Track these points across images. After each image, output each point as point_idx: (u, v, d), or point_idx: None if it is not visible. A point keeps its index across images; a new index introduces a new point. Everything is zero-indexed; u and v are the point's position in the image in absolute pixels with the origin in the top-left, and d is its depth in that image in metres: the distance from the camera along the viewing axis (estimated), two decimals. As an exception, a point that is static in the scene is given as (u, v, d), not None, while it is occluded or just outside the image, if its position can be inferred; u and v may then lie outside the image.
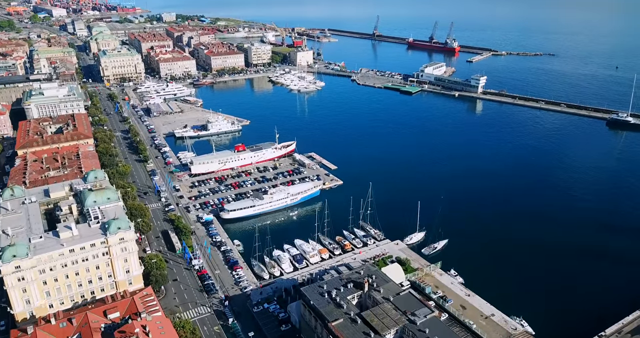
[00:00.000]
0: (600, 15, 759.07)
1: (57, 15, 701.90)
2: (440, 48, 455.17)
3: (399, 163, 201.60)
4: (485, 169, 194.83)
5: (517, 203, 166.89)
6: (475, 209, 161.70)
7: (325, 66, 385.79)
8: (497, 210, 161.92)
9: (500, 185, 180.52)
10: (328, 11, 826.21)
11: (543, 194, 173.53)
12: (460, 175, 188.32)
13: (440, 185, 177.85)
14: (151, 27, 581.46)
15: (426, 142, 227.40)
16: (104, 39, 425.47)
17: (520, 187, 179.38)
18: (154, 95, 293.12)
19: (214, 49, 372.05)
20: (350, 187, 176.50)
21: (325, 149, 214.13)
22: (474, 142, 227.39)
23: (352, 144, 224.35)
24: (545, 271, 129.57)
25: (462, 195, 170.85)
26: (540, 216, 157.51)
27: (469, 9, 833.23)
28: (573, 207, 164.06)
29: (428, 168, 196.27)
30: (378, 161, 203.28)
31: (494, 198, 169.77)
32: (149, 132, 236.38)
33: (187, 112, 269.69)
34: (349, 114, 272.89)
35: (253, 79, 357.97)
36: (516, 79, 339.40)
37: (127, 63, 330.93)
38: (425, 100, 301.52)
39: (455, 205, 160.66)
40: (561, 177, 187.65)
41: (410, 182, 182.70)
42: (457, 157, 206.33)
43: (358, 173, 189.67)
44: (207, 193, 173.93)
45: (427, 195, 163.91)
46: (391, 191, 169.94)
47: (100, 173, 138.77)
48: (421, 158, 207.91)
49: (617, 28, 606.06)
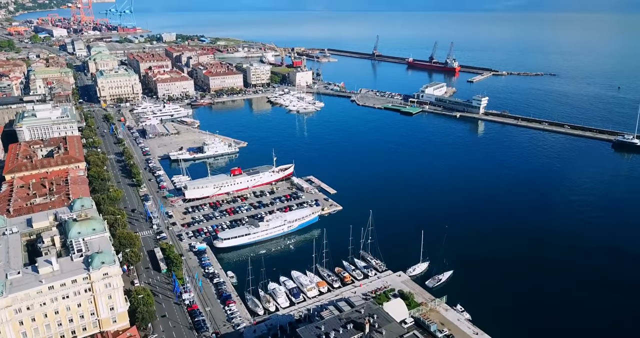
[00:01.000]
0: (599, 35, 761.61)
1: (58, 35, 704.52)
2: (440, 68, 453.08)
3: (400, 187, 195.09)
4: (490, 194, 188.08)
5: (525, 231, 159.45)
6: (481, 237, 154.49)
7: (325, 86, 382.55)
8: (504, 238, 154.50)
9: (506, 211, 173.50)
10: (328, 31, 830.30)
11: (552, 220, 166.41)
12: (464, 200, 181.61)
13: (443, 211, 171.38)
14: (151, 47, 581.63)
15: (428, 165, 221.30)
16: (103, 59, 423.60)
17: (527, 213, 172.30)
18: (150, 116, 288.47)
19: (213, 69, 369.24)
20: (350, 212, 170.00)
21: (324, 172, 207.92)
22: (477, 165, 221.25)
23: (351, 167, 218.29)
24: (559, 305, 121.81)
25: (467, 221, 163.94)
26: (552, 245, 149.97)
27: (468, 29, 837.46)
28: (586, 235, 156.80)
29: (431, 193, 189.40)
30: (379, 185, 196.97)
31: (501, 226, 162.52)
32: (144, 155, 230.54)
33: (184, 133, 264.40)
34: (348, 135, 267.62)
35: (252, 99, 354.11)
36: (518, 100, 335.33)
37: (124, 83, 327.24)
38: (426, 121, 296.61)
39: (459, 232, 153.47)
40: (569, 202, 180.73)
41: (413, 208, 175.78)
42: (461, 181, 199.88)
43: (358, 197, 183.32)
44: (201, 220, 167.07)
45: (430, 222, 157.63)
46: (393, 218, 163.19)
47: (88, 201, 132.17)
48: (423, 182, 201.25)
49: (616, 48, 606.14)
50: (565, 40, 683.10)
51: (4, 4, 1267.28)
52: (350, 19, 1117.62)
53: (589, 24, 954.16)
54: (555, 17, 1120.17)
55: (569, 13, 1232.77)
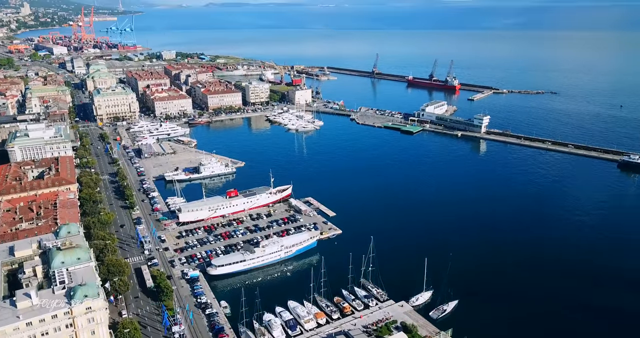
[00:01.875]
0: (598, 53, 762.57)
1: (58, 53, 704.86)
2: (440, 86, 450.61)
3: (401, 209, 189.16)
4: (496, 217, 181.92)
5: (534, 256, 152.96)
6: (488, 264, 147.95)
7: (324, 105, 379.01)
8: (512, 264, 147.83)
9: (513, 236, 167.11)
10: (327, 49, 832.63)
11: (562, 245, 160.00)
12: (468, 224, 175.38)
13: (447, 235, 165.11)
14: (150, 65, 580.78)
15: (430, 186, 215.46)
16: (101, 77, 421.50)
17: (535, 237, 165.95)
18: (146, 135, 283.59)
19: (211, 87, 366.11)
20: (350, 237, 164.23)
21: (323, 193, 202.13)
22: (481, 186, 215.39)
23: (351, 188, 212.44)
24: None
25: (472, 247, 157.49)
26: (564, 272, 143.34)
27: (467, 47, 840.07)
28: (599, 261, 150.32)
29: (433, 216, 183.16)
30: (379, 207, 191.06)
31: (507, 251, 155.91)
32: (138, 175, 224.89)
33: (180, 153, 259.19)
34: (348, 154, 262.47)
35: (250, 117, 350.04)
36: (520, 118, 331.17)
37: (121, 102, 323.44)
38: (427, 140, 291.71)
39: (465, 259, 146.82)
40: (578, 225, 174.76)
41: (415, 232, 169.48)
42: (464, 204, 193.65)
43: (358, 220, 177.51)
44: (195, 245, 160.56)
45: (433, 248, 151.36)
46: (394, 243, 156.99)
47: (74, 227, 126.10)
48: (425, 204, 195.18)
49: (616, 66, 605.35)
50: (564, 58, 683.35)
51: (5, 22, 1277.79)
52: (350, 37, 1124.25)
53: (587, 42, 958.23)
54: (554, 35, 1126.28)
55: (567, 31, 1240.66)
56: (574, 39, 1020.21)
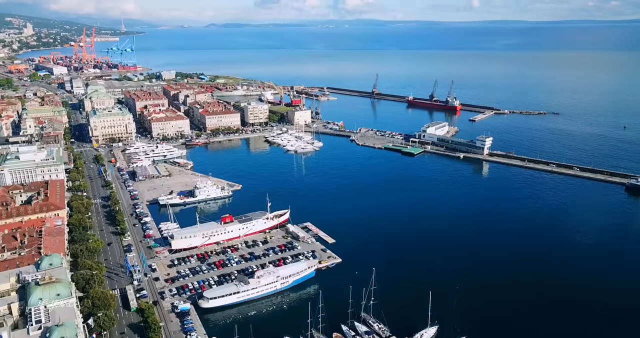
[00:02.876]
0: (598, 73, 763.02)
1: (58, 73, 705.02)
2: (441, 106, 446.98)
3: (404, 236, 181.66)
4: (503, 246, 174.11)
5: (544, 284, 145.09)
6: (495, 296, 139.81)
7: (324, 125, 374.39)
8: (521, 296, 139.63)
9: (521, 263, 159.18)
10: (327, 69, 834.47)
11: (571, 273, 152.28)
12: (474, 253, 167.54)
13: (452, 265, 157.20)
14: (149, 85, 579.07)
15: (433, 211, 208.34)
16: (99, 97, 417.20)
17: (543, 264, 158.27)
18: (142, 156, 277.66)
19: (209, 107, 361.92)
20: (350, 266, 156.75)
21: (322, 218, 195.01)
22: (485, 210, 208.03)
23: (351, 212, 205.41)
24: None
25: (479, 277, 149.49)
26: (576, 303, 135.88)
27: (467, 68, 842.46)
28: (613, 290, 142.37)
29: (438, 244, 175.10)
30: (380, 233, 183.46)
31: (515, 280, 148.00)
32: (132, 199, 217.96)
33: (176, 175, 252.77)
34: (348, 177, 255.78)
35: (249, 138, 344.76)
36: (522, 139, 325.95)
37: (117, 123, 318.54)
38: (429, 162, 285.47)
39: (472, 293, 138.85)
40: (587, 251, 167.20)
41: (418, 262, 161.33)
42: (470, 230, 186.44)
43: (358, 248, 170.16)
44: (187, 275, 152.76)
45: (438, 279, 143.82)
46: (397, 274, 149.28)
47: (57, 259, 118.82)
48: (429, 230, 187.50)
49: (617, 86, 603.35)
50: (565, 78, 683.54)
51: (8, 42, 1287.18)
52: (349, 57, 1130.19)
53: (587, 62, 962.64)
54: (553, 55, 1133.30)
55: (567, 51, 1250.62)
56: (573, 59, 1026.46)
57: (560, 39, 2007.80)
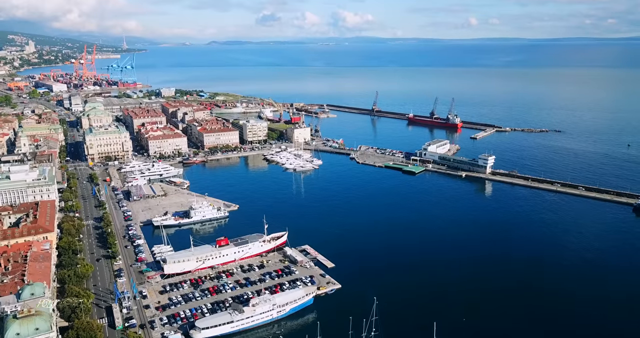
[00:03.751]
0: (599, 90, 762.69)
1: (57, 90, 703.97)
2: (442, 124, 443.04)
3: (406, 260, 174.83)
4: (509, 269, 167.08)
5: (557, 316, 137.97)
6: (506, 330, 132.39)
7: (323, 143, 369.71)
8: (531, 325, 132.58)
9: (529, 292, 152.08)
10: (327, 86, 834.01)
11: (582, 302, 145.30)
12: (481, 281, 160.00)
13: (458, 294, 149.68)
14: (148, 102, 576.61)
15: (436, 233, 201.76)
16: (97, 114, 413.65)
17: (554, 291, 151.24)
18: (137, 175, 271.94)
19: (208, 125, 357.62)
20: (350, 292, 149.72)
21: (321, 240, 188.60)
22: (490, 233, 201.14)
23: (352, 234, 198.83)
24: None
25: (487, 308, 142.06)
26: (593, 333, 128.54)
27: (467, 84, 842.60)
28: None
29: (442, 270, 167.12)
30: (381, 257, 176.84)
31: (525, 314, 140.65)
32: (125, 220, 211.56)
33: (171, 195, 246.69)
34: (348, 196, 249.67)
35: (248, 156, 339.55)
36: (525, 158, 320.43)
37: (113, 141, 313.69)
38: (430, 181, 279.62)
39: (480, 324, 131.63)
40: (597, 278, 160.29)
41: (422, 289, 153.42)
42: (473, 255, 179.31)
43: (359, 273, 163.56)
44: (179, 302, 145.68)
45: (443, 308, 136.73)
46: (398, 303, 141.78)
47: (39, 289, 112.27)
48: (432, 255, 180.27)
49: (618, 103, 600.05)
50: (565, 95, 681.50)
51: (9, 59, 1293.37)
52: (349, 74, 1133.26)
53: (587, 79, 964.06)
54: (553, 72, 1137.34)
55: (566, 68, 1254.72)
56: (573, 76, 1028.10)
57: (559, 56, 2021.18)
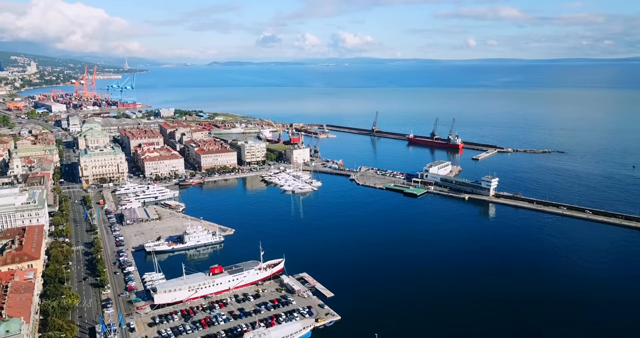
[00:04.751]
0: (599, 111, 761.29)
1: (56, 111, 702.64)
2: (442, 144, 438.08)
3: (409, 289, 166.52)
4: (521, 301, 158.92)
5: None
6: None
7: (323, 164, 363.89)
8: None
9: (542, 326, 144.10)
10: (327, 107, 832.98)
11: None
12: (489, 316, 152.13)
13: (464, 326, 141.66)
14: (147, 123, 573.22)
15: (439, 259, 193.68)
16: (93, 135, 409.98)
17: (566, 325, 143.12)
18: (132, 198, 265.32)
19: (205, 146, 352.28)
20: (350, 325, 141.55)
21: (319, 267, 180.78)
22: (496, 260, 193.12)
23: (352, 260, 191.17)
24: None
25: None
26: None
27: (467, 105, 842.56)
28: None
29: (446, 299, 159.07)
30: (384, 285, 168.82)
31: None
32: (117, 245, 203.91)
33: (166, 218, 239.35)
34: (348, 220, 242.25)
35: (245, 178, 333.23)
36: (528, 179, 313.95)
37: (109, 162, 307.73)
38: (432, 204, 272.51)
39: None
40: (610, 311, 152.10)
41: (426, 321, 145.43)
42: (481, 286, 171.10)
43: (360, 303, 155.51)
44: (168, 336, 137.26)
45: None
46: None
47: (16, 325, 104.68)
48: (436, 283, 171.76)
49: (619, 124, 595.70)
50: (566, 115, 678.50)
51: (10, 80, 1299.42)
52: (349, 94, 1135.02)
53: (587, 99, 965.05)
54: (553, 92, 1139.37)
55: (566, 89, 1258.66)
56: (573, 96, 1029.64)
57: (558, 76, 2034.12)
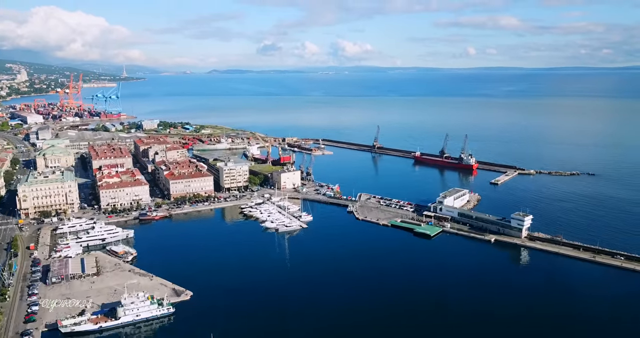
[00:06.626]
0: (619, 124, 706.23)
1: (32, 122, 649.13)
2: (453, 164, 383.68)
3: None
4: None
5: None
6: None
7: (316, 190, 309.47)
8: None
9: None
10: (324, 118, 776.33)
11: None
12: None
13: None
14: (124, 137, 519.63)
15: (463, 329, 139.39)
16: (54, 154, 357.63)
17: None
18: (71, 241, 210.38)
19: (177, 169, 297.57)
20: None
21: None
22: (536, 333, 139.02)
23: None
24: None
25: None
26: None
27: (473, 116, 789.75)
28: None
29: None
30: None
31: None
32: (24, 320, 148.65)
33: (107, 274, 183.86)
34: (345, 274, 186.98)
35: (224, 208, 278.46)
36: (564, 212, 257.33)
37: (54, 192, 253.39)
38: (451, 248, 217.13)
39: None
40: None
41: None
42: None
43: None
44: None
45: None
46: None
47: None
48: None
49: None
50: (582, 129, 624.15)
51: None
52: (349, 104, 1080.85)
53: (597, 110, 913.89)
54: (558, 102, 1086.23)
55: (573, 99, 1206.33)
56: (581, 107, 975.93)
57: (561, 85, 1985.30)
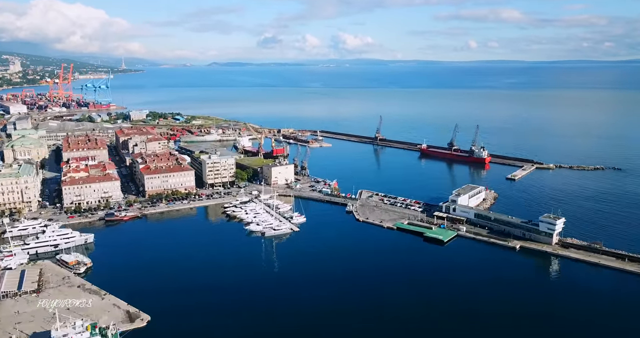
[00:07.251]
0: (632, 114, 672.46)
1: (15, 113, 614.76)
2: (464, 157, 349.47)
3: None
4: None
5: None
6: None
7: (311, 186, 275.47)
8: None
9: None
10: (323, 110, 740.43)
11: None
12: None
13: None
14: (109, 128, 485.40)
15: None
16: (24, 145, 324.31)
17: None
18: (16, 247, 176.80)
19: (154, 163, 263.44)
20: None
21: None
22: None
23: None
24: None
25: None
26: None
27: (478, 107, 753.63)
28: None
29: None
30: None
31: None
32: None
33: (49, 290, 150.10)
34: (343, 291, 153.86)
35: (207, 207, 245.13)
36: (597, 214, 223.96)
37: (8, 188, 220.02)
38: (468, 256, 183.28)
39: None
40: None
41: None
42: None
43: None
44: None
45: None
46: None
47: None
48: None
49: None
50: (594, 120, 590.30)
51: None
52: (349, 95, 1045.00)
53: (606, 101, 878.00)
54: (561, 94, 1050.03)
55: (574, 90, 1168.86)
56: (587, 98, 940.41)
57: (562, 78, 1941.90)
